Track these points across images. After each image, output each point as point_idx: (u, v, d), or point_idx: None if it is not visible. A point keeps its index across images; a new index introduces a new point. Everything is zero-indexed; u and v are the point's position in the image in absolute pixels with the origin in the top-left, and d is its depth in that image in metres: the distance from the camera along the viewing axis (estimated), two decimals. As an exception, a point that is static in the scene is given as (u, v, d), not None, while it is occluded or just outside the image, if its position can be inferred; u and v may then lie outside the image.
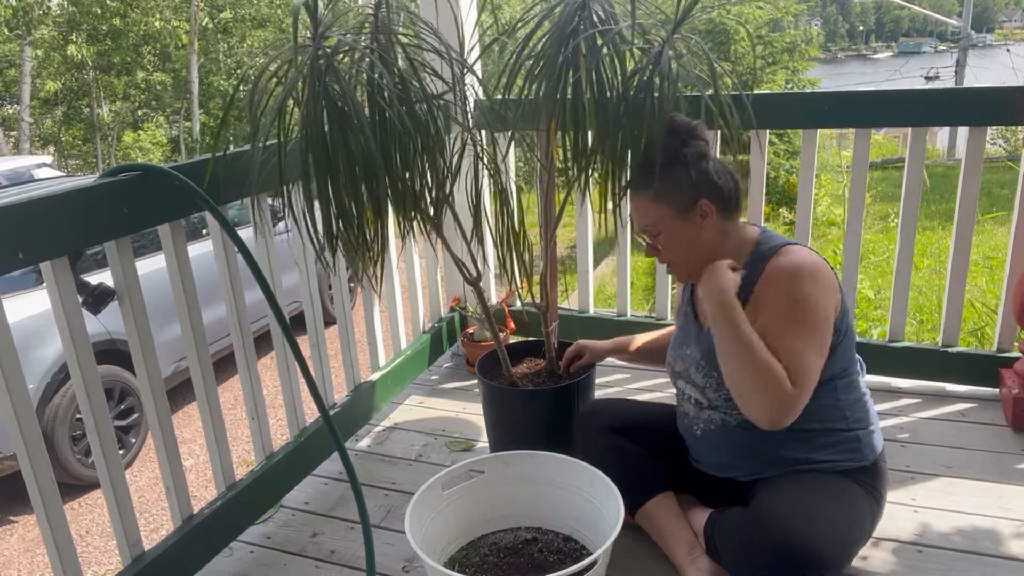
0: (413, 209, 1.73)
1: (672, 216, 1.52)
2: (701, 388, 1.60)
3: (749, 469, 1.58)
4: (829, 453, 1.53)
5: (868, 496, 1.52)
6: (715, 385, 1.56)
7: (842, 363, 1.53)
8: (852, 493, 1.50)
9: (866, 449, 1.55)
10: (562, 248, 7.56)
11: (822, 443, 1.52)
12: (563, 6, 1.68)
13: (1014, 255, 2.18)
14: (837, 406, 1.53)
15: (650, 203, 1.53)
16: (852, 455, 1.53)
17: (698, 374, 1.60)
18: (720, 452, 1.62)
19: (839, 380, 1.53)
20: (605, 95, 1.64)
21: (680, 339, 1.70)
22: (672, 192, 1.51)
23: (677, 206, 1.51)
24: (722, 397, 1.56)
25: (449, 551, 1.68)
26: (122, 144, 14.64)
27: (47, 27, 13.13)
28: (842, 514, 1.45)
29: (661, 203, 1.52)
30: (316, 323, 2.05)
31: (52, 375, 4.12)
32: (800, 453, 1.53)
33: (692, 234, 1.52)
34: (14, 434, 1.33)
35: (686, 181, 1.50)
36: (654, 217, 1.54)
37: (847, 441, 1.54)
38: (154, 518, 4.23)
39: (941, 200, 8.94)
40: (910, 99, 2.16)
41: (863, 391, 1.60)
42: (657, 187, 1.51)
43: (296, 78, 1.52)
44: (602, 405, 1.86)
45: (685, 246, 1.54)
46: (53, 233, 1.35)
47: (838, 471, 1.52)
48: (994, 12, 77.26)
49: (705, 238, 1.53)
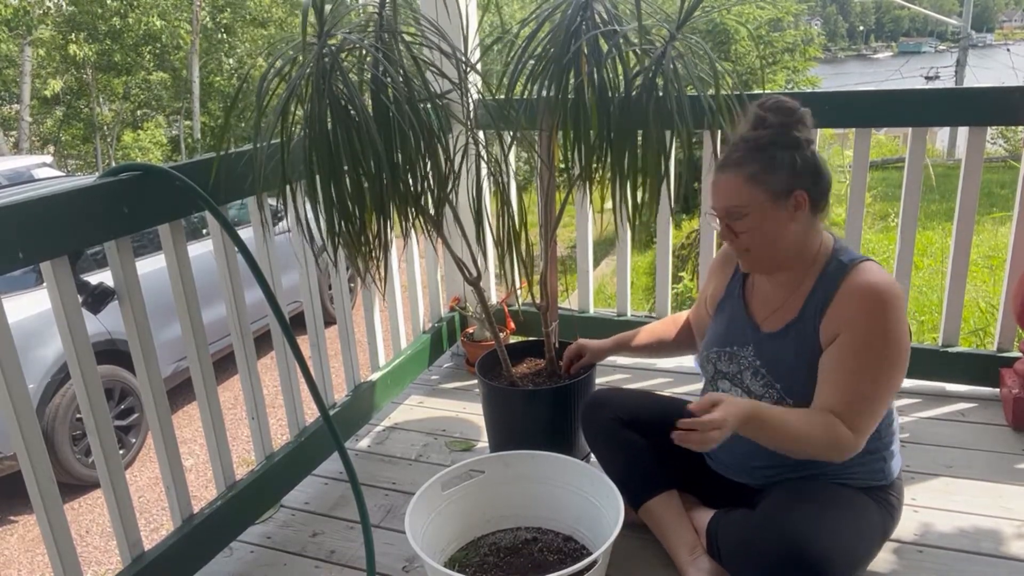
0: (415, 208, 1.73)
1: (766, 200, 1.42)
2: (758, 397, 1.53)
3: (767, 476, 1.55)
4: (853, 469, 1.50)
5: (882, 512, 1.51)
6: (776, 397, 1.51)
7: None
8: (866, 507, 1.47)
9: (888, 470, 1.53)
10: (562, 248, 7.56)
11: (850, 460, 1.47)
12: (565, 6, 1.68)
13: (1014, 255, 2.18)
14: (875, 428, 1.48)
15: (744, 183, 1.42)
16: (875, 475, 1.52)
17: (756, 382, 1.54)
18: (742, 456, 1.58)
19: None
20: (607, 95, 1.64)
21: (726, 335, 1.62)
22: (772, 175, 1.41)
23: (773, 191, 1.41)
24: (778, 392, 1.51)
25: (449, 551, 1.68)
26: (122, 144, 14.64)
27: (47, 27, 13.13)
28: (853, 525, 1.43)
29: (757, 185, 1.42)
30: (316, 323, 2.05)
31: (52, 375, 4.12)
32: (824, 467, 1.49)
33: (781, 223, 1.44)
34: (14, 434, 1.33)
35: (789, 166, 1.41)
36: (745, 199, 1.43)
37: (873, 461, 1.51)
38: (154, 518, 4.23)
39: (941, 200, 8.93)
40: (910, 99, 2.16)
41: (894, 413, 1.57)
42: (756, 167, 1.42)
43: (300, 76, 1.52)
44: (610, 395, 1.80)
45: (771, 235, 1.45)
46: (53, 233, 1.35)
47: (857, 486, 1.50)
48: (994, 12, 77.25)
49: (792, 230, 1.45)
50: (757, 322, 1.57)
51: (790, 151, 1.42)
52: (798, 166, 1.42)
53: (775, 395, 1.50)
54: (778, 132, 1.42)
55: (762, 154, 1.42)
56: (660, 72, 1.60)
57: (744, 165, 1.43)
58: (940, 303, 3.13)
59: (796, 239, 1.46)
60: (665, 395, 1.89)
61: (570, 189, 1.83)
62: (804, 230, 1.46)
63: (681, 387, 2.41)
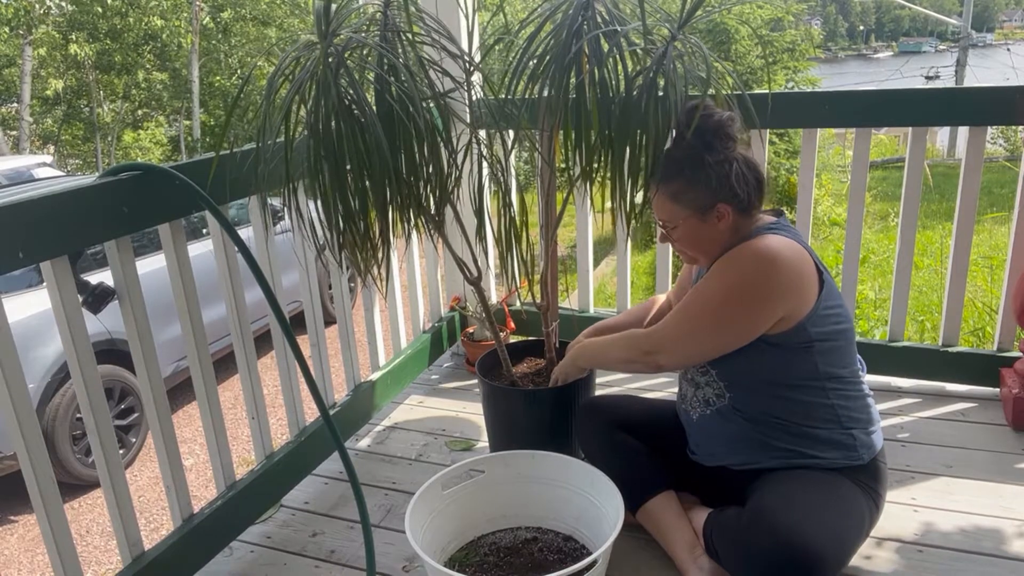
0: (416, 207, 1.73)
1: (688, 216, 1.52)
2: (700, 386, 1.63)
3: (741, 457, 1.58)
4: (821, 450, 1.53)
5: (866, 495, 1.52)
6: (715, 385, 1.59)
7: (827, 364, 1.52)
8: (849, 492, 1.49)
9: (862, 448, 1.54)
10: (562, 248, 7.56)
11: (813, 439, 1.53)
12: (566, 6, 1.68)
13: (1014, 255, 2.18)
14: (828, 406, 1.53)
15: (667, 201, 1.54)
16: (847, 453, 1.53)
17: (696, 371, 1.63)
18: (714, 438, 1.62)
19: (827, 381, 1.52)
20: (608, 95, 1.64)
21: None
22: (691, 194, 1.51)
23: (695, 207, 1.51)
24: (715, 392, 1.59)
25: (449, 551, 1.68)
26: (122, 143, 14.64)
27: (47, 26, 13.12)
28: (839, 513, 1.44)
29: (679, 202, 1.52)
30: (316, 323, 2.05)
31: (52, 375, 4.12)
32: (790, 445, 1.54)
33: (705, 232, 1.54)
34: (14, 434, 1.33)
35: (705, 186, 1.49)
36: (670, 214, 1.55)
37: (840, 440, 1.53)
38: (154, 518, 4.23)
39: (941, 200, 8.94)
40: (910, 99, 2.16)
41: (864, 392, 1.59)
42: (675, 187, 1.52)
43: (305, 76, 1.51)
44: (604, 400, 1.85)
45: (697, 241, 1.56)
46: (53, 233, 1.35)
47: (833, 468, 1.52)
48: (994, 12, 77.23)
49: (717, 234, 1.54)
50: None
51: (705, 170, 1.49)
52: (714, 183, 1.49)
53: (712, 381, 1.59)
54: (695, 150, 1.50)
55: (680, 173, 1.51)
56: (661, 72, 1.60)
57: (667, 183, 1.53)
58: (940, 303, 3.13)
59: (728, 237, 1.54)
60: (657, 399, 1.92)
61: (570, 189, 1.83)
62: (735, 228, 1.54)
63: (681, 387, 2.41)
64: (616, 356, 1.66)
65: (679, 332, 1.54)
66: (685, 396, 1.69)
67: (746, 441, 1.57)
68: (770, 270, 1.45)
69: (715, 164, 1.48)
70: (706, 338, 1.52)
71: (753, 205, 1.54)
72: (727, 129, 1.50)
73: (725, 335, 1.50)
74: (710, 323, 1.51)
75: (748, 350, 1.50)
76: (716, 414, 1.60)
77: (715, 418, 1.60)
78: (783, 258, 1.45)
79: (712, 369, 1.58)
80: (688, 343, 1.54)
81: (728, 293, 1.48)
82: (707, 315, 1.50)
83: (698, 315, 1.51)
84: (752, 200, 1.53)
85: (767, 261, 1.45)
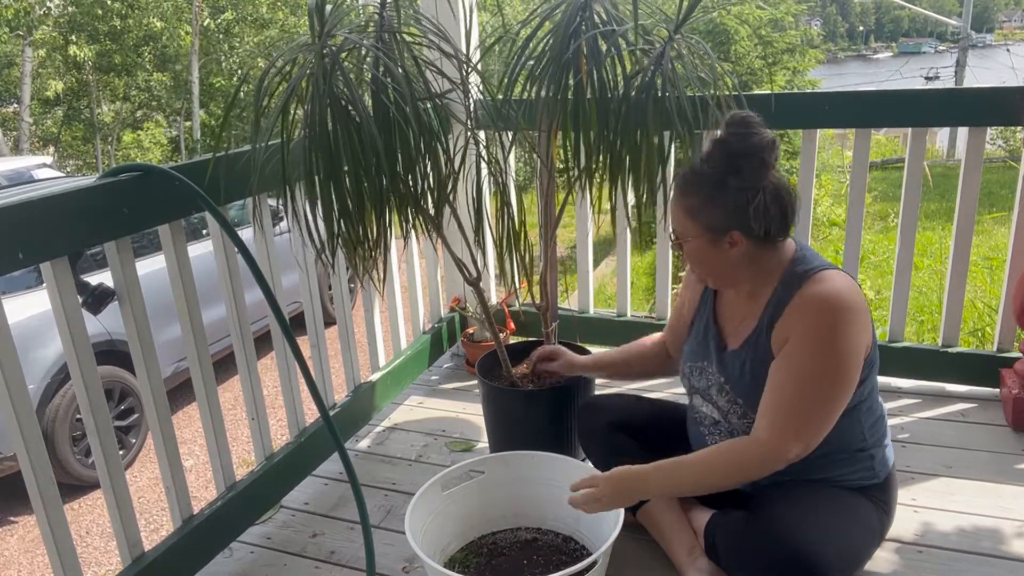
0: (415, 208, 1.73)
1: (702, 233, 1.42)
2: (724, 412, 1.54)
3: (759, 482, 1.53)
4: (843, 472, 1.50)
5: (878, 510, 1.51)
6: (740, 412, 1.51)
7: (868, 389, 1.49)
8: (862, 507, 1.48)
9: (879, 466, 1.53)
10: (562, 248, 7.56)
11: (838, 462, 1.48)
12: (565, 7, 1.68)
13: (1014, 255, 2.18)
14: (859, 429, 1.49)
15: (683, 214, 1.44)
16: (866, 473, 1.51)
17: (721, 397, 1.54)
18: None
19: (863, 404, 1.49)
20: (606, 96, 1.64)
21: (697, 350, 1.61)
22: (705, 214, 1.41)
23: (708, 228, 1.41)
24: (746, 425, 1.50)
25: (449, 551, 1.68)
26: (122, 144, 14.64)
27: (47, 27, 13.13)
28: (849, 527, 1.43)
29: (693, 218, 1.42)
30: (316, 323, 2.05)
31: (52, 375, 4.12)
32: (814, 474, 1.49)
33: (715, 256, 1.44)
34: (14, 434, 1.33)
35: (721, 209, 1.39)
36: (681, 227, 1.45)
37: (862, 460, 1.51)
38: (154, 518, 4.23)
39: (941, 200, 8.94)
40: (910, 99, 2.16)
41: (882, 410, 1.56)
42: (692, 202, 1.42)
43: (301, 76, 1.52)
44: (603, 400, 1.83)
45: (704, 262, 1.47)
46: (53, 233, 1.35)
47: (851, 487, 1.50)
48: (994, 12, 77.23)
49: (728, 261, 1.44)
50: (723, 336, 1.57)
51: (726, 193, 1.38)
52: (730, 208, 1.38)
53: (739, 410, 1.50)
54: (720, 170, 1.38)
55: (700, 190, 1.41)
56: (659, 72, 1.60)
57: (686, 196, 1.43)
58: (940, 303, 3.13)
59: (739, 264, 1.45)
60: (658, 398, 1.91)
61: (569, 189, 1.83)
62: (750, 256, 1.44)
63: (678, 388, 2.40)
64: (715, 482, 1.44)
65: (795, 423, 1.38)
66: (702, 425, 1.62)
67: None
68: (849, 317, 1.36)
69: (737, 190, 1.37)
70: (823, 411, 1.38)
71: (774, 235, 1.42)
72: (762, 155, 1.37)
73: (840, 398, 1.39)
74: (818, 398, 1.38)
75: None
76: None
77: None
78: (853, 300, 1.38)
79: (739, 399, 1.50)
80: (808, 428, 1.38)
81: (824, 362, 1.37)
82: (811, 391, 1.38)
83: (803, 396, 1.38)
84: (773, 230, 1.41)
85: (844, 310, 1.36)
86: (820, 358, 1.37)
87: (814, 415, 1.38)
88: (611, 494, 1.44)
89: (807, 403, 1.38)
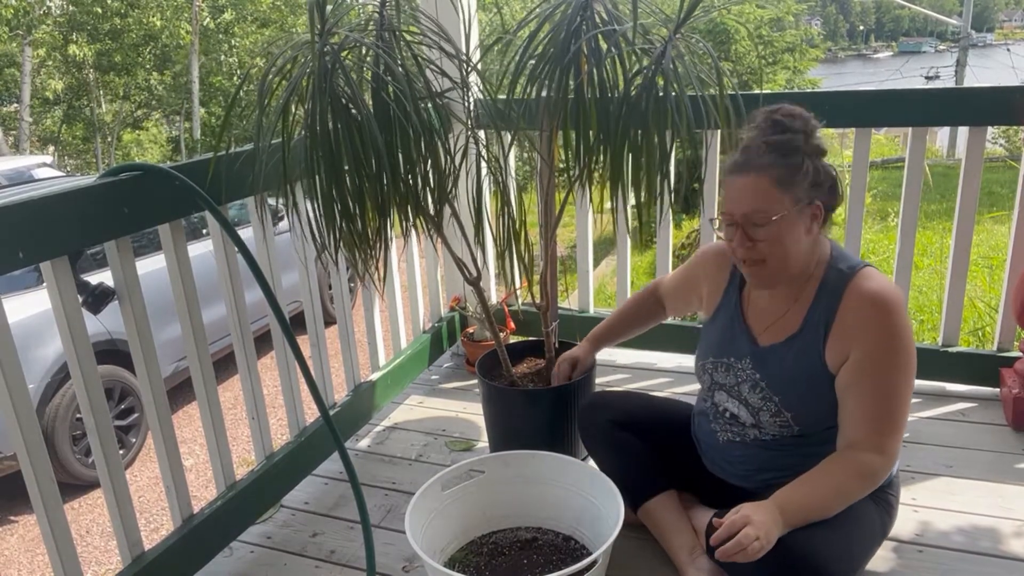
0: (415, 208, 1.73)
1: (791, 206, 1.37)
2: (755, 409, 1.52)
3: (767, 478, 1.54)
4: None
5: (880, 510, 1.50)
6: (774, 410, 1.50)
7: None
8: (864, 508, 1.47)
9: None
10: (562, 248, 7.56)
11: None
12: (565, 6, 1.68)
13: (1014, 255, 2.18)
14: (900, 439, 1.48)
15: (771, 187, 1.37)
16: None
17: (754, 395, 1.52)
18: (741, 462, 1.58)
19: None
20: (607, 95, 1.64)
21: (722, 345, 1.60)
22: (797, 182, 1.37)
23: (797, 197, 1.37)
24: (777, 423, 1.50)
25: (449, 551, 1.68)
26: (122, 144, 14.64)
27: (47, 26, 13.13)
28: (851, 527, 1.43)
29: (785, 190, 1.37)
30: (316, 323, 2.05)
31: (52, 375, 4.12)
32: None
33: (795, 234, 1.39)
34: (14, 434, 1.33)
35: (812, 174, 1.38)
36: (772, 203, 1.37)
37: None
38: (154, 518, 4.23)
39: (941, 199, 8.94)
40: (910, 99, 2.15)
41: None
42: (783, 171, 1.37)
43: (301, 75, 1.52)
44: (606, 398, 1.82)
45: (788, 244, 1.40)
46: (53, 233, 1.35)
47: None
48: (994, 12, 77.22)
49: (805, 242, 1.42)
50: (755, 334, 1.56)
51: (812, 159, 1.39)
52: (820, 176, 1.39)
53: (772, 407, 1.50)
54: (803, 138, 1.39)
55: (788, 159, 1.37)
56: (660, 72, 1.60)
57: (771, 168, 1.37)
58: (940, 303, 3.13)
59: (807, 251, 1.43)
60: (659, 396, 1.90)
61: (570, 189, 1.83)
62: (813, 241, 1.44)
63: (680, 387, 2.41)
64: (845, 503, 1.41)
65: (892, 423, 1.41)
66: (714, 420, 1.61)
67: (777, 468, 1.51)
68: (904, 311, 1.40)
69: (822, 152, 1.40)
70: (907, 407, 1.42)
71: (829, 218, 1.44)
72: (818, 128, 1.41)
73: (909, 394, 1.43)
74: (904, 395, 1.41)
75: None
76: (753, 443, 1.54)
77: (749, 446, 1.55)
78: (901, 295, 1.42)
79: (776, 396, 1.49)
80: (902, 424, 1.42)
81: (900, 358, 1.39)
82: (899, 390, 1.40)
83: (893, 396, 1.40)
84: (835, 207, 1.43)
85: (901, 304, 1.40)
86: (896, 356, 1.40)
87: (901, 412, 1.42)
88: (766, 534, 1.30)
89: (897, 402, 1.41)
